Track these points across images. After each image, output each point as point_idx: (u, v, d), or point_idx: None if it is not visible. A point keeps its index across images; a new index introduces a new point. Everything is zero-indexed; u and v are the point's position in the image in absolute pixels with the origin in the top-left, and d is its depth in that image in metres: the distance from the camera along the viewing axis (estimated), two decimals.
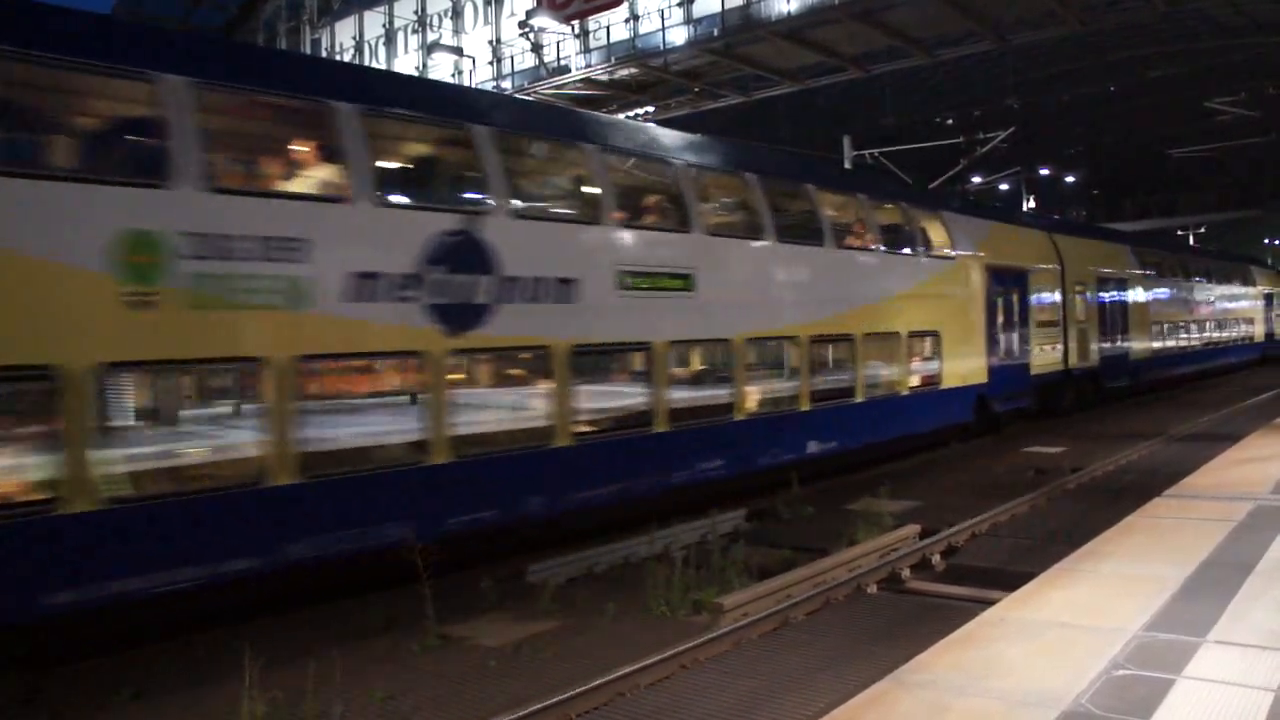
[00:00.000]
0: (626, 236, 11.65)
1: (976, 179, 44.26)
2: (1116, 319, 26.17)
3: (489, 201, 10.14)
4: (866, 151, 33.86)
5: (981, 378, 18.60)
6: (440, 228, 9.57)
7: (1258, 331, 43.06)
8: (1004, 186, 48.80)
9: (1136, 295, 28.15)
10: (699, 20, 30.12)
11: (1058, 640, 5.31)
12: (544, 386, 10.56)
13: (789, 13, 28.12)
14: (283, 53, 29.58)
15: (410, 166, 10.96)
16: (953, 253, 18.13)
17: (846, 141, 33.35)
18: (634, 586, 9.15)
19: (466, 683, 7.20)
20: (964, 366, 18.00)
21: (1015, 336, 20.02)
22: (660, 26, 30.72)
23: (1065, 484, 14.26)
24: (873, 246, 15.86)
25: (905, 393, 16.25)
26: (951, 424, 17.98)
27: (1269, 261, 78.88)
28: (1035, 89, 39.94)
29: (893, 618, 8.55)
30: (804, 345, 13.88)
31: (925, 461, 17.29)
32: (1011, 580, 7.91)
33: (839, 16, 27.43)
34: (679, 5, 30.43)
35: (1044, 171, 53.68)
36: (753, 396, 13.29)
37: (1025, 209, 47.82)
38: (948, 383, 17.45)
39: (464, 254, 9.72)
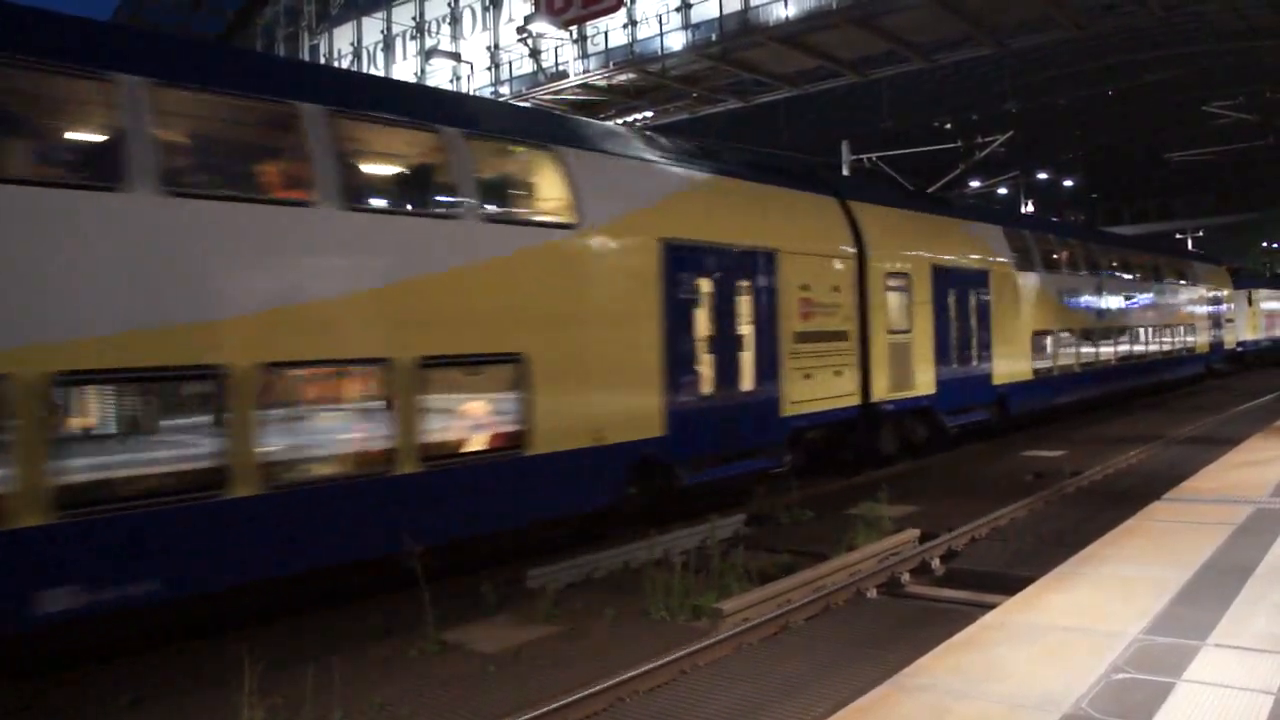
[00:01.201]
0: None
1: (975, 183, 44.27)
2: (968, 330, 18.58)
3: None
4: (865, 156, 33.87)
5: (654, 430, 11.57)
6: None
7: (1200, 341, 34.56)
8: (1003, 190, 48.85)
9: (1006, 296, 20.17)
10: (697, 25, 30.20)
11: (1058, 644, 5.31)
12: None
13: (787, 18, 28.20)
14: None
15: None
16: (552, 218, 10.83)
17: (845, 146, 33.37)
18: (633, 591, 9.13)
19: (466, 688, 7.18)
20: (609, 408, 11.07)
21: (730, 358, 12.78)
22: (658, 32, 30.80)
23: (1064, 488, 14.25)
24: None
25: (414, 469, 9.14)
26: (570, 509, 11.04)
27: (1266, 266, 78.97)
28: (1033, 93, 40.01)
29: (892, 622, 8.54)
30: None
31: (924, 466, 17.28)
32: (1011, 584, 7.91)
33: (837, 21, 27.50)
34: (677, 10, 30.52)
35: (1042, 175, 53.73)
36: None
37: (1024, 213, 47.83)
38: (547, 444, 10.21)
39: None
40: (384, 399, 8.99)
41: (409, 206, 10.11)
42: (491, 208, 10.33)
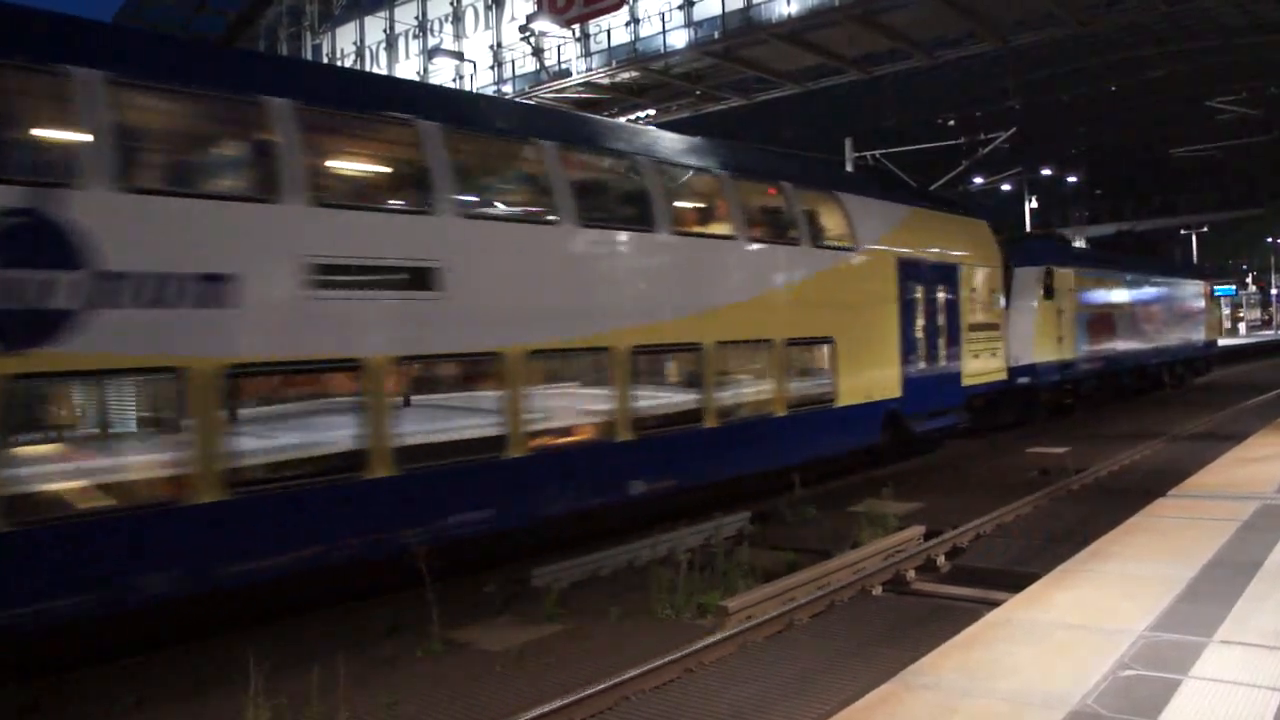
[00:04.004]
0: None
1: (979, 180, 44.22)
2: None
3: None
4: (868, 153, 33.88)
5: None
6: None
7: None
8: (1006, 187, 48.80)
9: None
10: (700, 23, 30.20)
11: (1064, 641, 5.30)
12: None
13: (789, 15, 28.19)
14: None
15: None
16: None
17: (848, 143, 33.37)
18: (638, 590, 9.13)
19: (471, 687, 7.19)
20: None
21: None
22: (661, 29, 30.81)
23: (1069, 484, 14.23)
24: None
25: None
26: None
27: (1271, 261, 78.89)
28: (1036, 90, 39.97)
29: (897, 619, 8.53)
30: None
31: (929, 463, 17.27)
32: (1017, 581, 7.89)
33: (840, 18, 27.51)
34: (680, 8, 30.51)
35: (1045, 172, 53.66)
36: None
37: (1028, 210, 47.78)
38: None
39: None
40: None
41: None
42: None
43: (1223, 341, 59.82)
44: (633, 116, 33.14)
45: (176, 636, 8.09)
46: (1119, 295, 27.84)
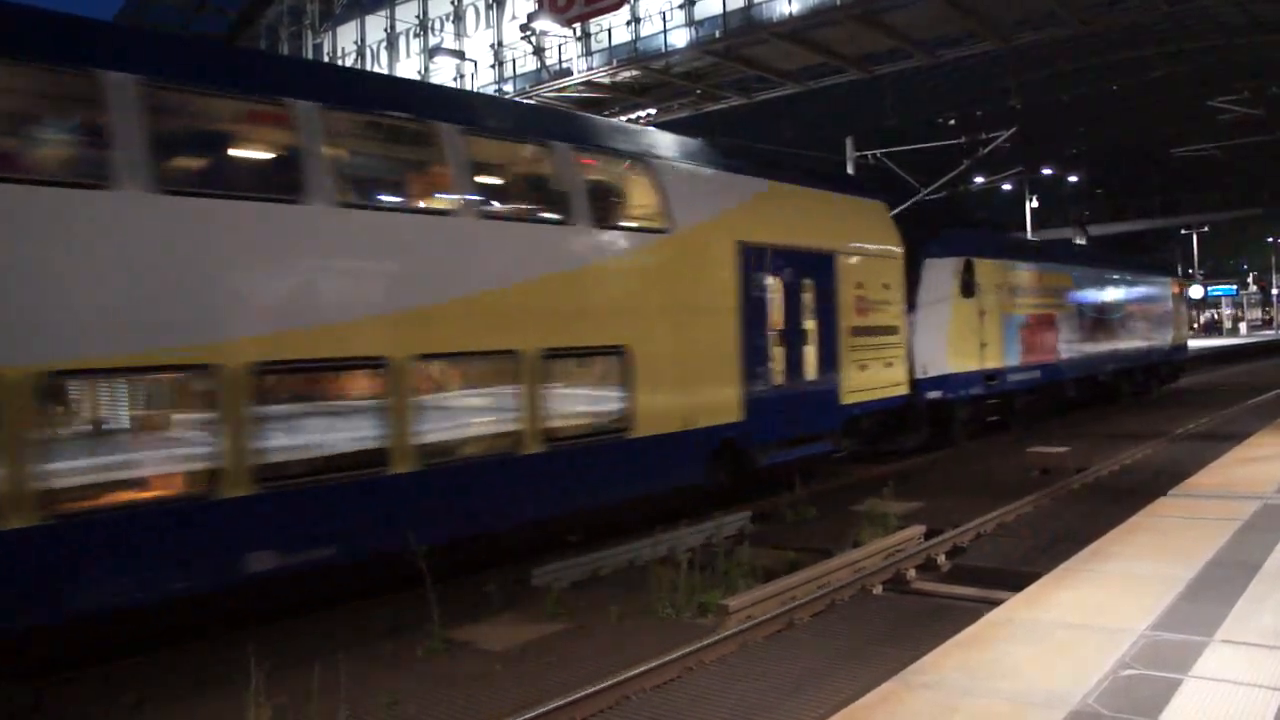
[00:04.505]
0: None
1: (979, 179, 44.21)
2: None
3: None
4: (869, 152, 33.84)
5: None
6: None
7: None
8: (1007, 187, 48.77)
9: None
10: (700, 22, 30.21)
11: (1064, 640, 5.30)
12: None
13: (790, 14, 28.19)
14: None
15: None
16: None
17: (849, 143, 33.35)
18: (639, 589, 9.13)
19: (472, 686, 7.19)
20: None
21: None
22: (662, 29, 30.81)
23: (1070, 484, 14.23)
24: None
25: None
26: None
27: (1272, 261, 78.79)
28: (1037, 89, 39.94)
29: (898, 619, 8.53)
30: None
31: (929, 462, 17.27)
32: (1017, 581, 7.89)
33: (840, 18, 27.50)
34: (680, 7, 30.51)
35: (1046, 172, 53.61)
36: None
37: (1028, 210, 47.74)
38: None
39: None
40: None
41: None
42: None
43: (1224, 342, 59.64)
44: (633, 116, 33.14)
45: (177, 636, 8.09)
46: (1064, 293, 23.92)
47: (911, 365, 17.20)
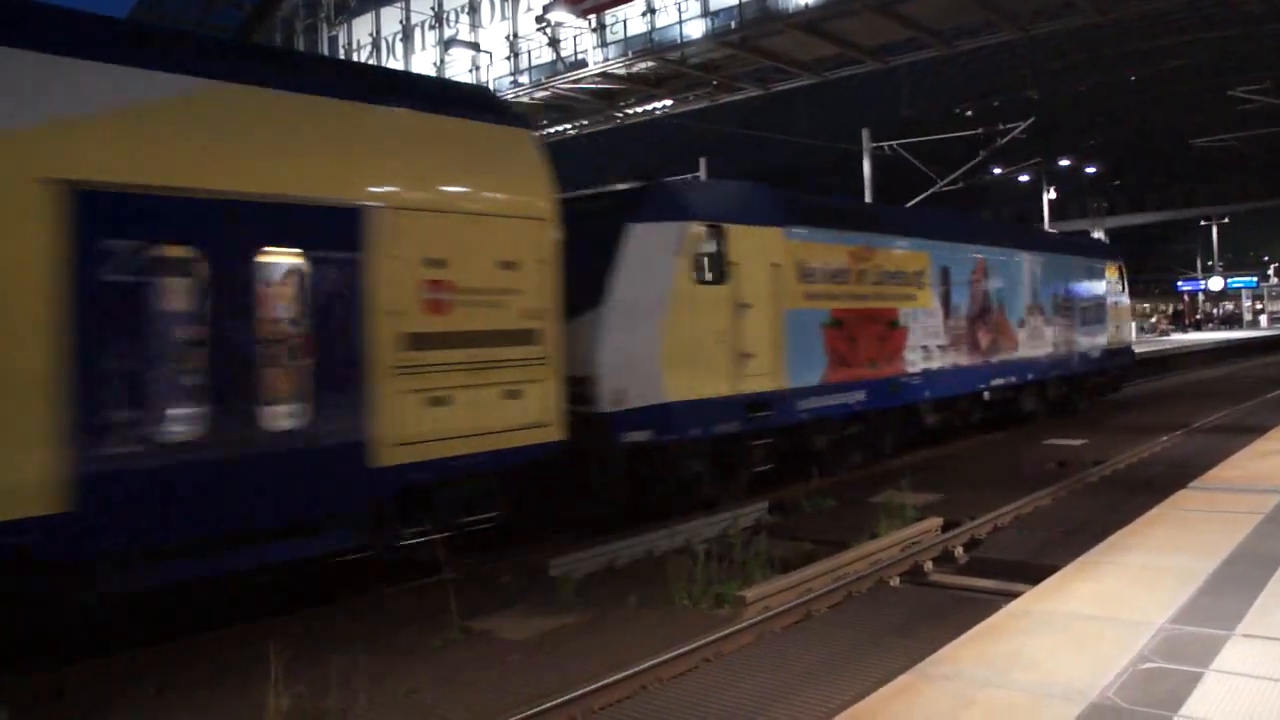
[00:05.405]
0: None
1: (996, 170, 43.98)
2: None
3: None
4: (885, 143, 33.72)
5: None
6: None
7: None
8: (1024, 178, 48.48)
9: None
10: (716, 13, 30.15)
11: (1083, 633, 5.27)
12: None
13: (806, 4, 28.09)
14: None
15: None
16: None
17: (865, 134, 33.23)
18: (656, 580, 9.14)
19: (490, 676, 7.21)
20: None
21: None
22: (678, 19, 30.74)
23: (1088, 476, 14.16)
24: None
25: None
26: None
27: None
28: (1054, 79, 39.73)
29: (915, 610, 8.51)
30: None
31: (947, 454, 17.20)
32: (1035, 573, 7.87)
33: (857, 8, 27.39)
34: None
35: (1064, 162, 53.28)
36: None
37: (1046, 200, 47.41)
38: None
39: None
40: None
41: None
42: None
43: (1248, 335, 58.85)
44: (649, 107, 33.10)
45: (197, 625, 8.16)
46: (918, 279, 16.41)
47: (593, 391, 11.10)
